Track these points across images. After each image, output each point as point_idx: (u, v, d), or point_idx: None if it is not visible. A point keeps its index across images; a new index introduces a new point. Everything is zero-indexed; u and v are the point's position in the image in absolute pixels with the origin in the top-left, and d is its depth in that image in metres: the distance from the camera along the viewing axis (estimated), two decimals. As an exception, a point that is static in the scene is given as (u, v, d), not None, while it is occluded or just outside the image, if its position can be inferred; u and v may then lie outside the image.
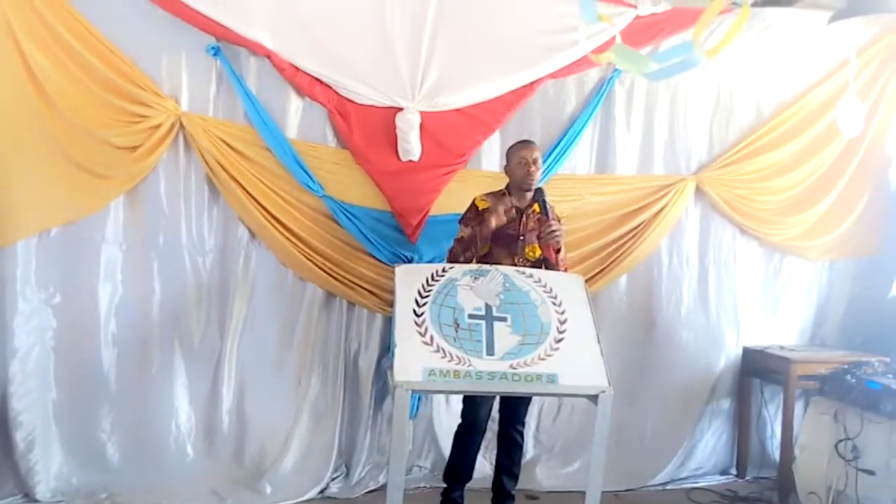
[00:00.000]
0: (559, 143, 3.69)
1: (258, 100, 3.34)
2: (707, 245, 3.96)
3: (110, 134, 3.18)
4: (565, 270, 3.03)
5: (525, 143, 3.11)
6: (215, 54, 3.29)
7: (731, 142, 3.94)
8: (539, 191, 3.01)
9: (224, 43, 3.29)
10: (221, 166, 3.30)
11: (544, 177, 3.42)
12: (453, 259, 2.96)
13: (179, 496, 3.18)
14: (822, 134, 3.97)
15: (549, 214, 2.94)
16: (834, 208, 4.06)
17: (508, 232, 2.99)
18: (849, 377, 3.09)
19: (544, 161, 3.41)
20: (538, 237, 2.98)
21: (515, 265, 2.91)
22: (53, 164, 3.15)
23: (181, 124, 3.27)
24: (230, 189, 3.32)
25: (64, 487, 3.17)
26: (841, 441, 2.96)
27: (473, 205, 3.04)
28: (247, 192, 3.33)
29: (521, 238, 3.00)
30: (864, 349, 3.85)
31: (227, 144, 3.31)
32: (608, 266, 3.78)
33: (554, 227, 2.90)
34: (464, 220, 3.04)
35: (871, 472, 2.85)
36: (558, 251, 2.97)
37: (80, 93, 3.13)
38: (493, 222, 2.95)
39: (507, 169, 3.09)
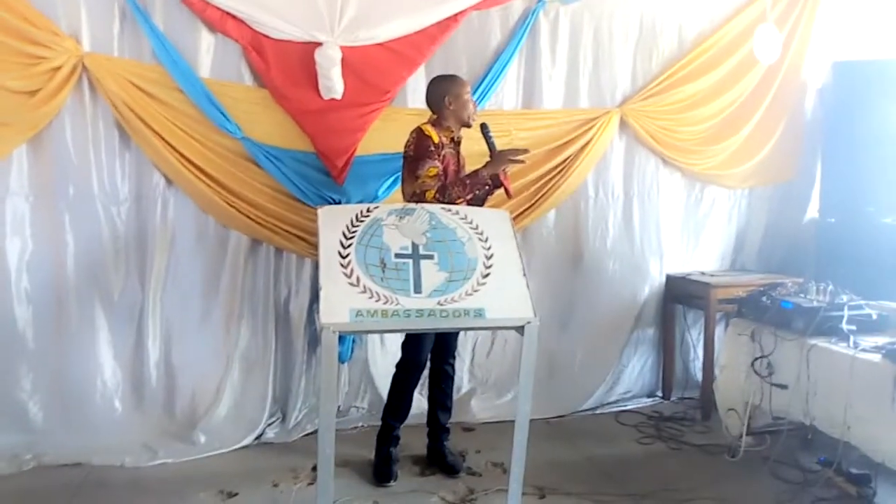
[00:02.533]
0: (485, 77, 3.64)
1: (166, 37, 3.16)
2: (631, 177, 4.03)
3: (5, 77, 2.95)
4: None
5: (460, 79, 3.07)
6: (116, -12, 3.08)
7: (653, 73, 3.97)
8: (485, 125, 2.99)
9: (126, -24, 3.08)
10: (131, 109, 3.13)
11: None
12: (447, 196, 2.84)
13: (110, 452, 3.12)
14: (741, 63, 4.04)
15: (496, 147, 2.96)
16: (752, 136, 4.17)
17: (453, 168, 2.98)
18: (764, 298, 3.21)
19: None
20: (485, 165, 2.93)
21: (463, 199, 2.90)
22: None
23: (84, 66, 3.07)
24: (142, 134, 3.16)
25: (-16, 450, 3.06)
26: (757, 359, 3.11)
27: (429, 137, 2.90)
28: (160, 136, 3.17)
29: (490, 185, 2.99)
30: (780, 272, 4.04)
31: (136, 86, 3.13)
32: (537, 201, 3.80)
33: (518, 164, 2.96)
34: (427, 154, 2.87)
35: (783, 387, 3.01)
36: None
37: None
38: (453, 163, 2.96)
39: (453, 102, 2.96)
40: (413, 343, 3.04)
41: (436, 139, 2.92)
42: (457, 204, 2.81)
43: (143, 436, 3.26)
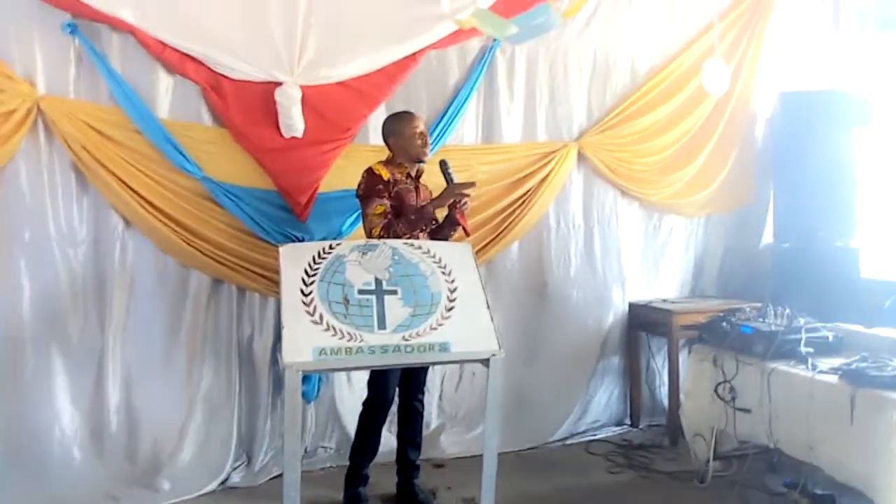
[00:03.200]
0: (445, 113, 3.70)
1: (123, 79, 3.15)
2: (591, 207, 4.11)
3: (-43, 122, 2.91)
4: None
5: (410, 114, 3.11)
6: (72, 32, 3.07)
7: (608, 106, 4.09)
8: (444, 163, 3.02)
9: (81, 20, 3.08)
10: (88, 152, 3.10)
11: (433, 148, 3.40)
12: (392, 233, 2.85)
13: (69, 502, 3.01)
14: (693, 95, 4.18)
15: (456, 180, 2.98)
16: (706, 166, 4.29)
17: (411, 203, 2.99)
18: (724, 324, 3.27)
19: (432, 132, 3.45)
20: (453, 206, 2.97)
21: (414, 235, 2.91)
22: None
23: (39, 109, 3.04)
24: (99, 176, 3.13)
25: (-66, 506, 2.94)
26: (720, 384, 3.15)
27: (377, 175, 2.94)
28: (118, 178, 3.14)
29: (436, 222, 3.02)
30: (739, 297, 4.11)
31: (93, 128, 3.11)
32: (500, 233, 3.85)
33: (466, 199, 2.97)
34: (374, 192, 2.91)
35: (747, 410, 3.04)
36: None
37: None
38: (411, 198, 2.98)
39: (399, 141, 3.01)
40: (378, 380, 3.00)
41: (385, 176, 2.95)
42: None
43: (105, 484, 3.15)
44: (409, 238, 2.82)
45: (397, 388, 3.09)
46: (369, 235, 2.90)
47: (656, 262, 4.30)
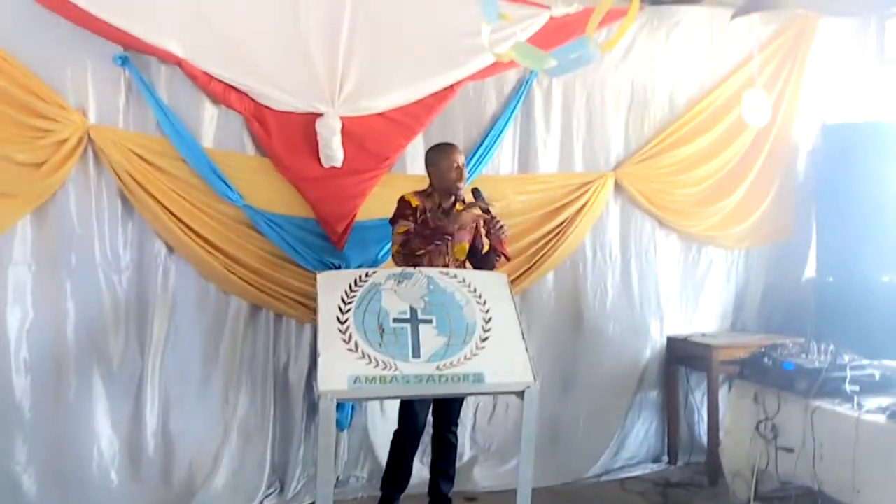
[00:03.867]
0: (482, 144, 3.72)
1: (171, 109, 3.24)
2: (628, 238, 4.06)
3: (12, 150, 3.01)
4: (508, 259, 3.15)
5: (451, 147, 3.12)
6: (123, 64, 3.18)
7: (646, 137, 4.06)
8: (477, 190, 3.04)
9: (132, 52, 3.18)
10: (134, 180, 3.19)
11: (469, 177, 3.42)
12: (409, 249, 2.93)
13: (105, 525, 3.05)
14: (732, 126, 4.13)
15: (491, 211, 3.00)
16: (747, 197, 4.22)
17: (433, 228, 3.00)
18: (766, 360, 3.20)
19: (468, 162, 3.48)
20: (488, 234, 3.03)
21: (446, 265, 2.92)
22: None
23: (90, 138, 3.15)
24: (145, 203, 3.21)
25: (-24, 525, 2.99)
26: (761, 421, 3.07)
27: (406, 201, 3.03)
28: (162, 205, 3.22)
29: (451, 238, 3.00)
30: (780, 332, 4.02)
31: (140, 157, 3.20)
32: (535, 263, 3.83)
33: (502, 222, 2.99)
34: (401, 216, 3.01)
35: (789, 450, 2.95)
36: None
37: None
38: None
39: (435, 172, 3.07)
40: (407, 410, 2.99)
41: (415, 203, 3.02)
42: (420, 256, 2.90)
43: (140, 507, 3.19)
44: (424, 252, 2.90)
45: (430, 420, 3.08)
46: (393, 256, 2.98)
47: (696, 294, 4.22)
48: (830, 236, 4.23)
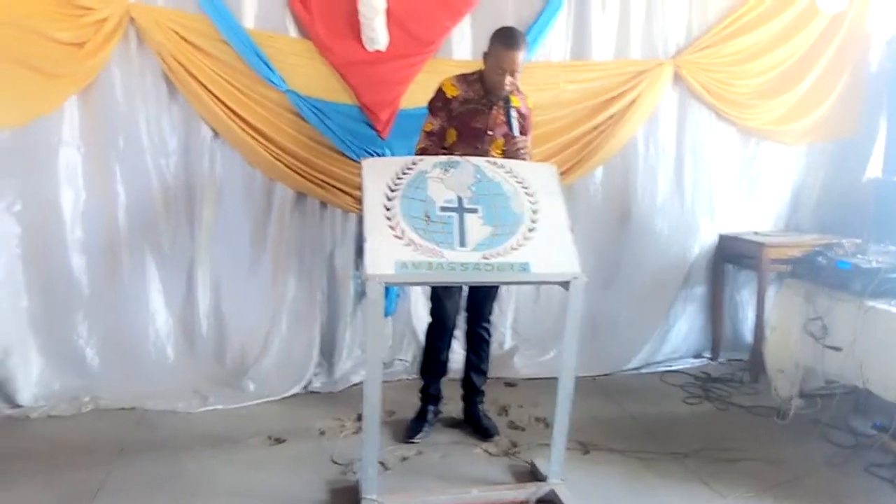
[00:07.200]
0: (532, 28, 3.52)
1: (210, -14, 3.14)
2: (683, 132, 3.89)
3: (54, 29, 2.99)
4: None
5: (508, 45, 2.71)
6: (161, -62, 3.06)
7: (710, 23, 3.80)
8: (507, 101, 2.78)
9: (171, -75, 3.06)
10: (177, 61, 3.15)
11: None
12: (423, 153, 2.78)
13: (162, 397, 3.21)
14: (803, 12, 3.85)
15: (515, 129, 2.76)
16: (813, 90, 3.98)
17: (475, 126, 2.83)
18: (820, 259, 3.10)
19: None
20: (504, 153, 2.83)
21: None
22: (-1, 65, 2.98)
23: (130, 17, 3.08)
24: (188, 86, 3.18)
25: (46, 393, 3.18)
26: (811, 320, 3.01)
27: (441, 91, 2.83)
28: (206, 88, 3.19)
29: (489, 133, 2.85)
30: (836, 232, 3.88)
31: (181, 37, 3.14)
32: (585, 156, 3.72)
33: (520, 146, 2.76)
34: (432, 108, 2.86)
35: (837, 349, 2.91)
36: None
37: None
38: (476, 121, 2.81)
39: (486, 61, 2.80)
40: (438, 303, 2.99)
41: (451, 93, 2.81)
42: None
43: (195, 382, 3.34)
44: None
45: (463, 314, 3.09)
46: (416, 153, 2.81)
47: (750, 192, 4.07)
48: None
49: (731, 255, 3.95)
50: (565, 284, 2.41)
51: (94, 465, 2.65)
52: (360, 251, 3.49)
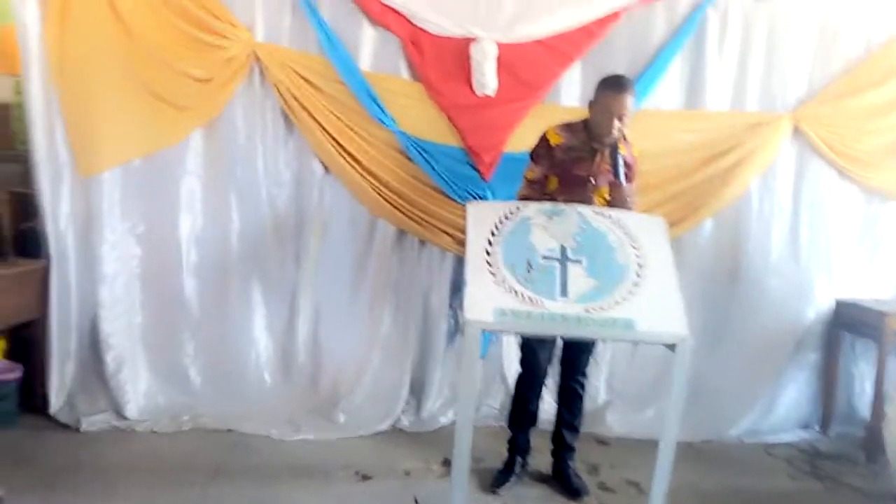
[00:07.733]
0: (644, 75, 3.47)
1: (332, 30, 3.28)
2: (801, 188, 3.67)
3: (188, 65, 3.20)
4: None
5: (617, 90, 2.67)
6: (288, -17, 3.23)
7: (832, 75, 3.61)
8: (614, 148, 2.69)
9: (297, -28, 3.23)
10: (296, 99, 3.29)
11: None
12: (524, 200, 2.75)
13: (258, 421, 3.30)
14: (938, 67, 3.60)
15: (622, 177, 2.68)
16: (947, 148, 3.70)
17: (578, 173, 2.77)
18: (952, 333, 2.85)
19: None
20: (609, 203, 2.75)
21: None
22: (135, 96, 3.22)
23: (256, 56, 3.26)
24: (304, 122, 3.32)
25: (151, 407, 3.33)
26: (939, 399, 2.76)
27: (545, 138, 2.80)
28: (320, 125, 3.31)
29: (592, 180, 2.78)
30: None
31: (301, 76, 3.29)
32: (694, 209, 3.58)
33: (627, 194, 2.68)
34: (534, 155, 2.83)
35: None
36: None
37: (157, 22, 3.17)
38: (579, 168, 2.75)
39: (592, 108, 2.76)
40: (529, 354, 2.92)
41: (554, 141, 2.76)
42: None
43: (288, 409, 3.41)
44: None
45: (556, 366, 3.01)
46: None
47: (872, 254, 3.79)
48: None
49: (849, 322, 3.67)
50: (671, 346, 2.31)
51: (192, 485, 2.74)
52: (454, 290, 3.50)
